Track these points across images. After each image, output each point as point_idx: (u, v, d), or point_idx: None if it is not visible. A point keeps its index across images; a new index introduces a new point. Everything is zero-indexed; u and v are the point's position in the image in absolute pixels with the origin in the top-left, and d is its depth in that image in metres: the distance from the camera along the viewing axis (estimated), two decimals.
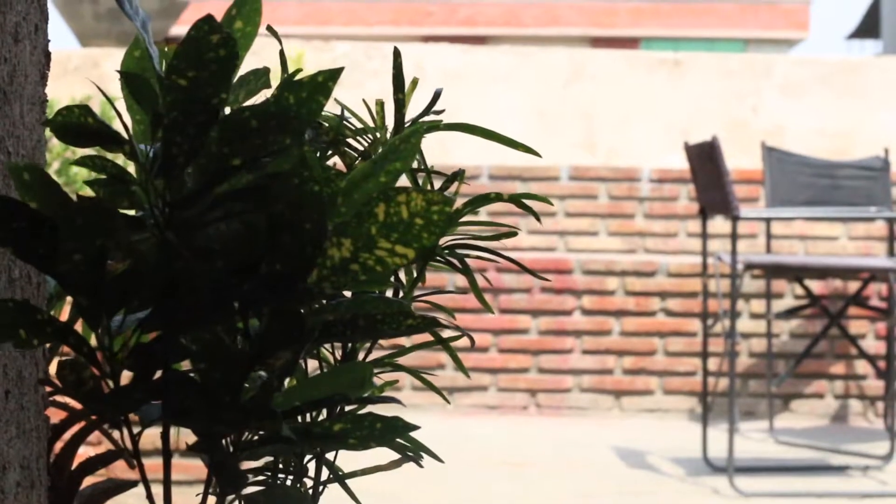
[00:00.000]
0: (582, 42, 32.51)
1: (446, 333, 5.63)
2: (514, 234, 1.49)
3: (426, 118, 1.58)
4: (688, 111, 6.39)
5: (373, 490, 4.07)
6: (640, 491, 4.23)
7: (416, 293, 1.58)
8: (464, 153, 6.31)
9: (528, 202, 3.22)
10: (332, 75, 1.18)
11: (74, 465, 1.45)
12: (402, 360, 5.38)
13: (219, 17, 1.29)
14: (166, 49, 1.32)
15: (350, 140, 1.54)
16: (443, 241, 1.57)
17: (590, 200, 5.97)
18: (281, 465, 1.48)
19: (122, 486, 1.45)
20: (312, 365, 1.49)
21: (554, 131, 6.43)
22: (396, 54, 1.53)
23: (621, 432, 5.23)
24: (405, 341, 5.55)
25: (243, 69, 1.37)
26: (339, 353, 1.51)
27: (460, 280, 5.59)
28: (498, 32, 32.74)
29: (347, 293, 1.29)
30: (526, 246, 5.97)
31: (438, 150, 6.24)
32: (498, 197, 1.56)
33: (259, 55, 6.68)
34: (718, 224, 5.82)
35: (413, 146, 1.24)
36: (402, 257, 1.18)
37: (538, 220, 1.52)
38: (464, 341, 5.57)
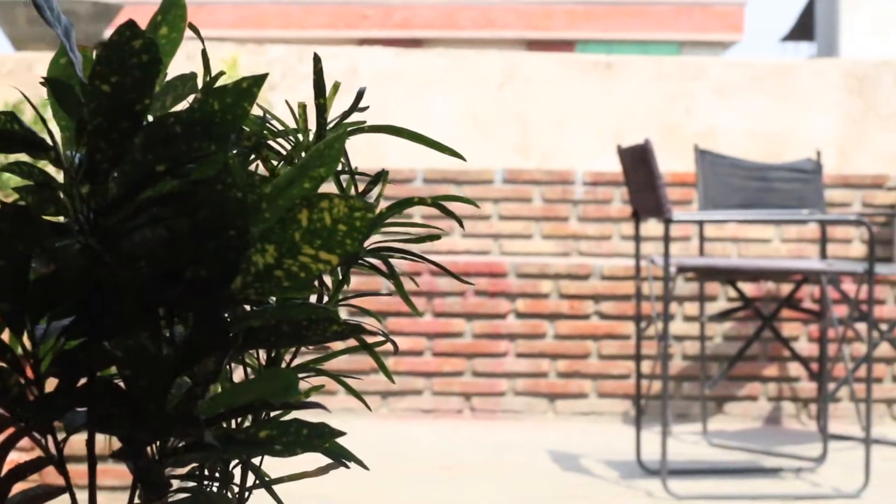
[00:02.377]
0: (518, 45, 32.62)
1: (378, 337, 5.61)
2: (437, 238, 1.49)
3: (351, 119, 1.58)
4: (621, 114, 6.42)
5: (304, 494, 4.07)
6: (573, 494, 4.25)
7: (349, 296, 1.58)
8: (398, 157, 6.31)
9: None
10: (257, 81, 1.18)
11: (4, 471, 1.43)
12: (336, 364, 5.38)
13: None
14: (93, 55, 1.32)
15: (272, 144, 1.54)
16: (368, 243, 1.57)
17: (524, 203, 5.98)
18: (207, 472, 1.48)
19: (52, 492, 1.44)
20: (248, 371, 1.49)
21: (488, 134, 6.44)
22: (317, 60, 1.53)
23: (556, 435, 5.25)
24: (337, 344, 5.55)
25: (179, 73, 1.36)
26: (265, 359, 1.51)
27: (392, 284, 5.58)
28: (434, 35, 32.79)
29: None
30: (460, 249, 5.98)
31: (372, 154, 6.24)
32: (421, 201, 1.56)
33: (195, 59, 6.66)
34: (652, 227, 5.85)
35: (337, 151, 1.24)
36: (325, 263, 1.18)
37: (461, 225, 1.52)
38: (400, 344, 5.57)
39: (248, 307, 1.28)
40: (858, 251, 5.91)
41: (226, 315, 1.21)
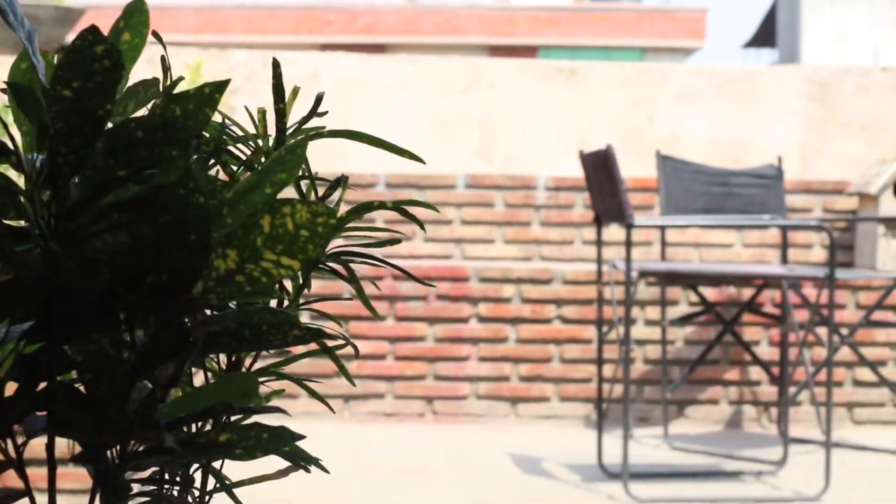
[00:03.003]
0: (481, 50, 32.68)
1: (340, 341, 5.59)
2: (398, 242, 1.50)
3: (312, 124, 1.58)
4: (584, 119, 6.44)
5: (265, 498, 4.06)
6: (535, 497, 4.26)
7: (311, 300, 1.58)
8: (360, 161, 6.31)
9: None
10: (219, 87, 1.18)
11: None
12: (298, 367, 5.38)
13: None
14: (54, 60, 1.32)
15: (232, 149, 1.55)
16: (329, 247, 1.58)
17: (486, 208, 6.00)
18: (168, 476, 1.48)
19: (12, 496, 1.44)
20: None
21: (451, 139, 6.45)
22: (276, 65, 1.53)
23: (518, 439, 5.26)
24: (299, 348, 5.55)
25: (141, 77, 1.37)
26: (226, 363, 1.52)
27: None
28: (397, 41, 32.83)
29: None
30: (423, 253, 5.98)
31: (334, 159, 6.24)
32: (381, 205, 1.57)
33: (157, 64, 6.65)
34: (614, 231, 5.88)
35: (298, 157, 1.25)
36: (287, 269, 1.19)
37: (423, 228, 1.53)
38: (362, 348, 5.57)
39: (209, 312, 1.29)
40: (819, 256, 5.95)
41: (187, 319, 1.21)
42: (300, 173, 1.60)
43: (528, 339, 5.60)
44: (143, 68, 6.38)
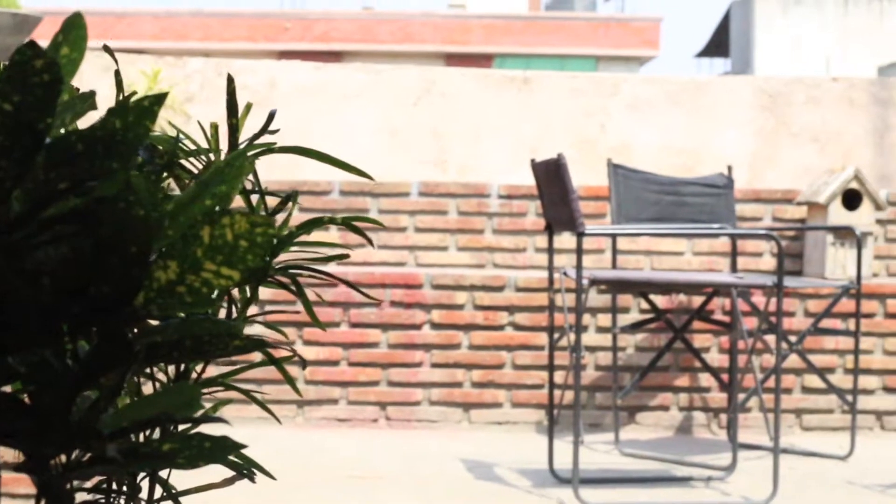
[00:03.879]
0: (436, 58, 32.77)
1: (299, 346, 5.60)
2: (346, 257, 1.52)
3: (268, 134, 1.61)
4: (537, 128, 6.48)
5: (212, 502, 4.08)
6: (486, 502, 4.29)
7: (265, 311, 1.61)
8: (316, 169, 6.32)
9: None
10: (158, 100, 1.20)
11: None
12: (254, 374, 5.38)
13: None
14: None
15: (185, 163, 1.56)
16: (279, 260, 1.60)
17: (440, 216, 6.02)
18: (116, 485, 1.49)
19: None
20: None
21: (405, 147, 6.47)
22: (230, 80, 1.55)
23: (470, 444, 5.29)
24: (257, 356, 5.57)
25: (96, 85, 1.38)
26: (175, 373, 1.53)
27: (310, 293, 5.60)
28: (353, 48, 32.87)
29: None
30: (376, 260, 6.00)
31: (291, 166, 6.25)
32: (331, 220, 1.59)
33: (112, 70, 6.62)
34: (566, 239, 5.91)
35: (238, 169, 1.27)
36: (227, 279, 1.20)
37: (371, 243, 1.55)
38: (316, 354, 5.58)
39: (156, 322, 1.30)
40: (769, 264, 6.01)
41: (129, 330, 1.23)
42: (250, 186, 1.62)
43: (480, 346, 5.63)
44: (100, 75, 6.38)
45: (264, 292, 5.46)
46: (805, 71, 37.70)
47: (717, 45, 47.87)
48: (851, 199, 5.82)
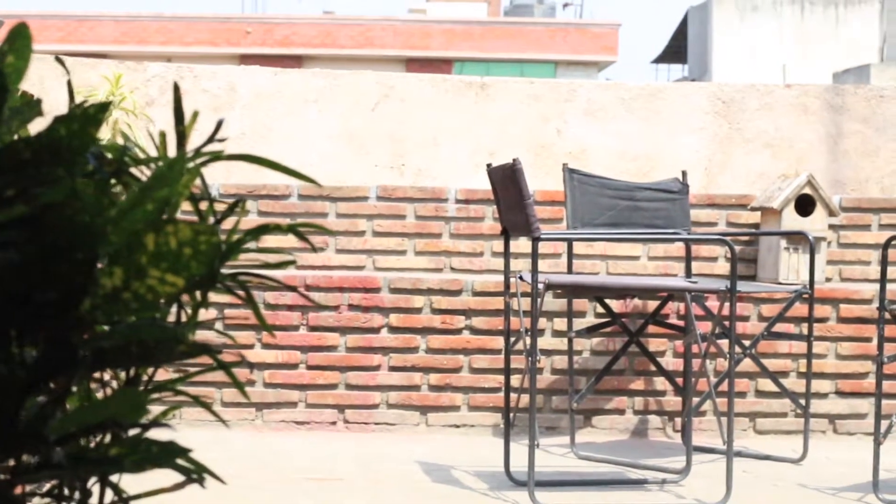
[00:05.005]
0: (397, 63, 32.82)
1: (258, 349, 5.64)
2: (293, 263, 1.55)
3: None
4: (494, 133, 6.52)
5: None
6: None
7: (221, 316, 1.63)
8: (275, 173, 6.33)
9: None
10: (103, 108, 1.23)
11: None
12: (212, 376, 5.39)
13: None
14: None
15: (135, 170, 1.59)
16: (230, 266, 1.62)
17: (398, 220, 6.05)
18: (67, 490, 1.51)
19: None
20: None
21: (364, 152, 6.50)
22: (176, 88, 1.58)
23: (427, 447, 5.32)
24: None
25: (55, 90, 1.40)
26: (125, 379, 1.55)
27: (269, 297, 5.62)
28: (314, 53, 32.90)
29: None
30: (335, 264, 6.03)
31: (252, 170, 6.26)
32: (277, 228, 1.62)
33: (78, 75, 6.63)
34: (523, 244, 5.95)
35: (178, 174, 1.29)
36: (172, 286, 1.23)
37: (314, 249, 1.58)
38: (275, 357, 5.60)
39: (102, 328, 1.32)
40: (724, 268, 6.06)
41: (77, 336, 1.25)
42: (199, 192, 1.64)
43: (438, 349, 5.66)
44: (61, 80, 6.36)
45: (224, 296, 5.47)
46: (762, 77, 37.94)
47: (675, 50, 48.13)
48: (805, 205, 5.88)
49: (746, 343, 5.39)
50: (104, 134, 5.77)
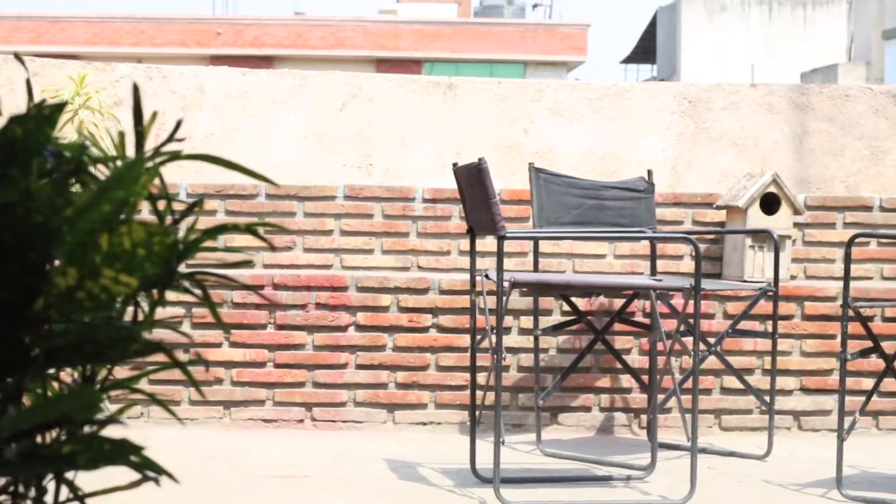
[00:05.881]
0: (367, 63, 32.84)
1: (226, 347, 5.65)
2: (249, 263, 1.57)
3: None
4: (462, 133, 6.55)
5: (138, 503, 4.11)
6: (408, 502, 4.34)
7: (196, 311, 1.65)
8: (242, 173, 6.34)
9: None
10: (58, 108, 1.24)
11: None
12: (178, 374, 5.39)
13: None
14: None
15: (94, 170, 1.60)
16: (191, 264, 1.64)
17: (365, 219, 6.07)
18: (23, 487, 1.53)
19: None
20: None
21: (332, 152, 6.52)
22: (135, 89, 1.59)
23: (394, 445, 5.34)
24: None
25: (25, 91, 1.42)
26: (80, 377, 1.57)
27: (237, 296, 5.63)
28: (285, 53, 32.89)
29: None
30: (303, 263, 6.04)
31: (218, 171, 6.27)
32: (234, 227, 1.64)
33: (41, 76, 6.62)
34: (490, 242, 5.98)
35: (135, 175, 1.31)
36: (126, 286, 1.25)
37: (273, 248, 1.60)
38: (242, 356, 5.62)
39: (56, 327, 1.34)
40: (690, 266, 6.10)
41: (31, 335, 1.27)
42: (158, 192, 1.66)
43: (405, 347, 5.69)
44: (33, 79, 6.36)
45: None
46: (731, 77, 38.11)
47: (644, 51, 48.31)
48: (770, 203, 5.92)
49: (711, 340, 5.43)
50: (70, 134, 5.77)
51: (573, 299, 5.35)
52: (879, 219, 6.26)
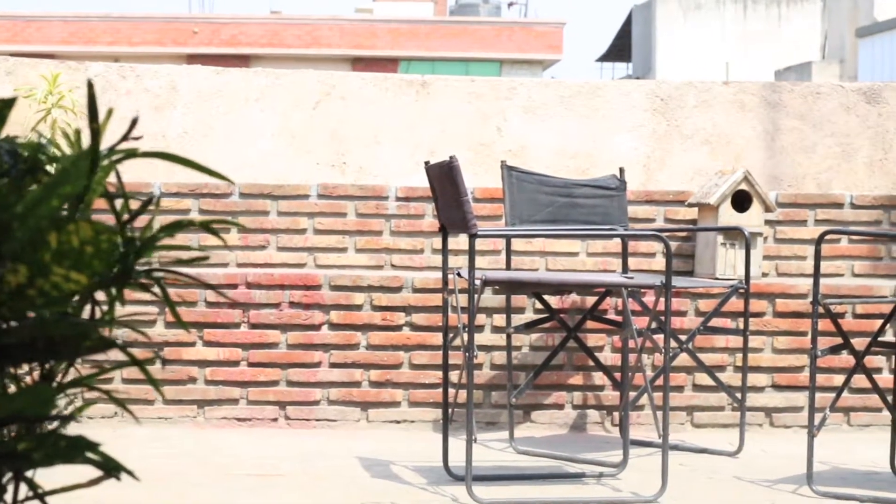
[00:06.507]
0: (343, 62, 32.86)
1: (199, 346, 5.66)
2: (205, 259, 1.58)
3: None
4: (435, 131, 6.56)
5: (110, 501, 4.11)
6: (381, 500, 4.35)
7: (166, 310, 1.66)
8: (219, 170, 6.34)
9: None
10: (7, 104, 1.25)
11: None
12: (156, 375, 5.39)
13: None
14: None
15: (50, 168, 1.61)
16: (152, 261, 1.65)
17: (338, 218, 6.08)
18: None
19: None
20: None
21: (306, 150, 6.53)
22: (90, 86, 1.60)
23: (368, 443, 5.35)
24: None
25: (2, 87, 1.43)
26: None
27: (210, 295, 5.63)
28: (261, 52, 32.89)
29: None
30: (277, 262, 6.05)
31: (191, 170, 6.28)
32: (190, 223, 1.65)
33: (14, 75, 6.61)
34: (463, 240, 5.99)
35: (83, 170, 1.32)
36: (76, 283, 1.26)
37: (226, 245, 1.61)
38: (216, 354, 5.62)
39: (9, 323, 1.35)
40: (662, 264, 6.12)
41: None
42: (114, 190, 1.67)
43: (378, 346, 5.70)
44: (3, 79, 6.35)
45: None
46: (706, 75, 38.23)
47: (620, 49, 48.42)
48: (741, 201, 5.95)
49: (683, 338, 5.45)
50: (44, 132, 5.77)
51: (546, 297, 5.36)
52: (850, 216, 6.30)
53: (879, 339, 4.94)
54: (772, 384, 5.87)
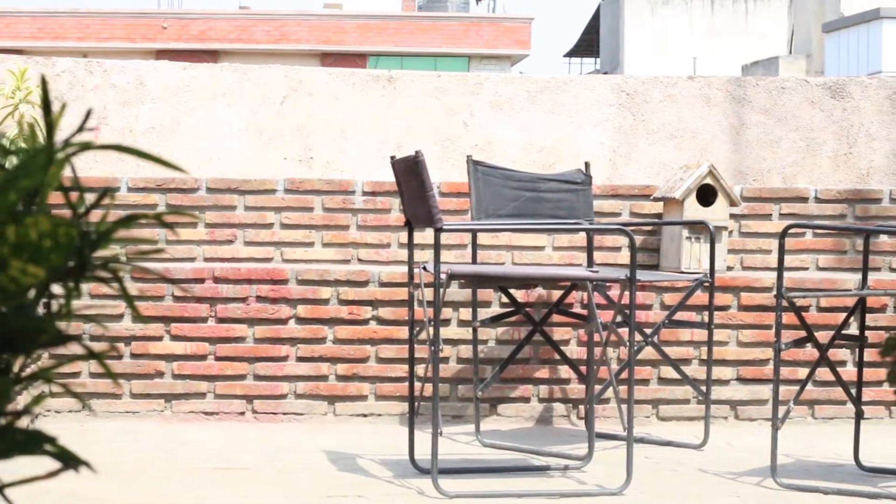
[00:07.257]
0: (312, 57, 32.86)
1: (167, 340, 5.66)
2: (159, 251, 1.60)
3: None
4: (402, 126, 6.58)
5: (84, 497, 4.12)
6: (347, 493, 4.38)
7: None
8: (187, 165, 6.35)
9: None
10: None
11: None
12: (118, 366, 5.40)
13: None
14: None
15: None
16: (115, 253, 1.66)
17: (305, 212, 6.10)
18: None
19: None
20: None
21: (273, 145, 6.54)
22: (43, 81, 1.61)
23: (335, 437, 5.37)
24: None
25: None
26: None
27: (177, 289, 5.64)
28: (230, 48, 32.86)
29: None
30: (244, 256, 6.06)
31: (156, 165, 6.27)
32: (144, 216, 1.67)
33: None
34: (430, 235, 6.01)
35: (40, 164, 1.33)
36: (33, 276, 1.27)
37: (178, 238, 1.63)
38: (183, 349, 5.63)
39: None
40: (627, 258, 6.14)
41: None
42: (70, 184, 1.68)
43: (345, 340, 5.71)
44: None
45: (130, 287, 5.49)
46: (673, 70, 38.35)
47: (588, 44, 48.56)
48: (706, 195, 5.98)
49: (648, 331, 5.48)
50: (11, 128, 5.77)
51: (511, 291, 5.39)
52: (815, 210, 6.34)
53: (843, 332, 4.99)
54: (737, 377, 5.91)
